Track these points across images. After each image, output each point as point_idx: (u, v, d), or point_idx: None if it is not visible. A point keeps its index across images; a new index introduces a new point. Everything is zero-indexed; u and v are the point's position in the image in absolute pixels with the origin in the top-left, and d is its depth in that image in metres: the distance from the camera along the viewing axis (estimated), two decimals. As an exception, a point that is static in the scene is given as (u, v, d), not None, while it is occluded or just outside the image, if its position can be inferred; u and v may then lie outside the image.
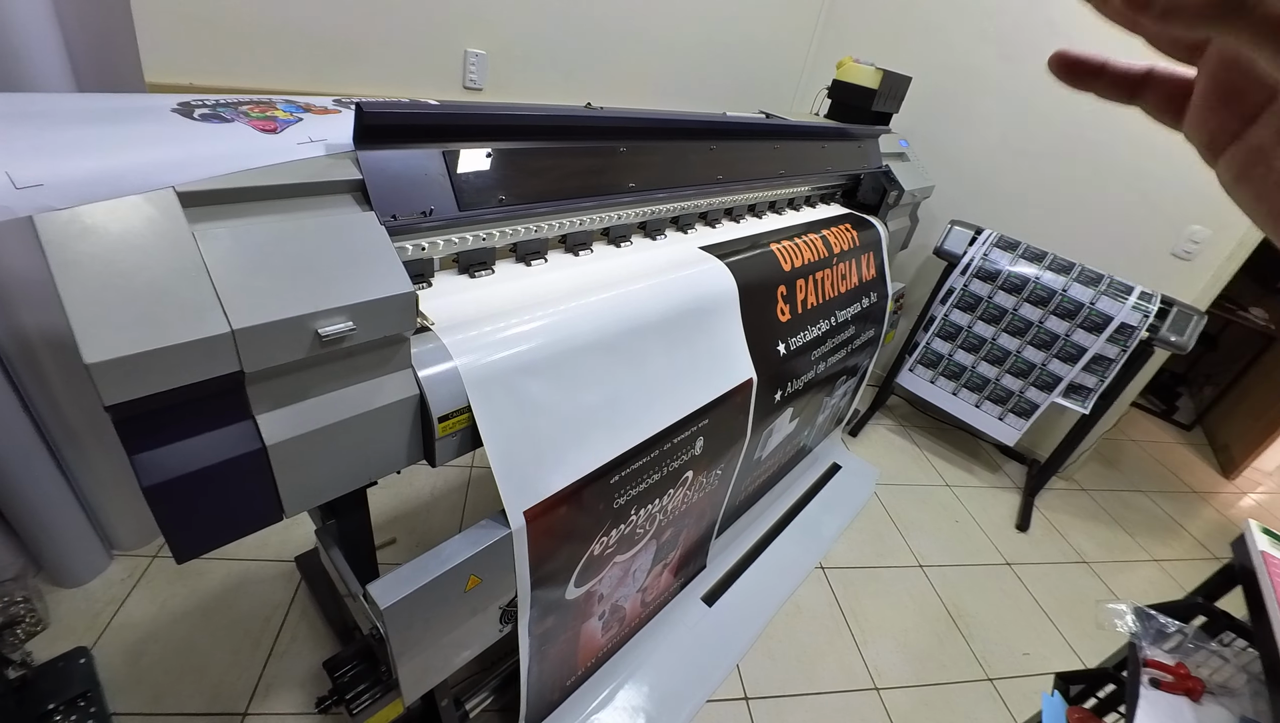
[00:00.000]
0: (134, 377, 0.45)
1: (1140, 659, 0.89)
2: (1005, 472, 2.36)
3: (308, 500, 0.62)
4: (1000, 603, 1.75)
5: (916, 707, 1.40)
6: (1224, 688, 0.86)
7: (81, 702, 1.04)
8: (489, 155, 0.75)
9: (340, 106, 0.76)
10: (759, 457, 1.42)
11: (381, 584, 0.67)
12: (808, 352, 1.33)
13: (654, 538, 1.11)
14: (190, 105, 0.63)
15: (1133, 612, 0.94)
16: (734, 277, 1.08)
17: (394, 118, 0.64)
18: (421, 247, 0.74)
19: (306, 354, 0.54)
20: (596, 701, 1.20)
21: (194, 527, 0.55)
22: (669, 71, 2.18)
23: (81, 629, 1.19)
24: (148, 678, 1.13)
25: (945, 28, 2.25)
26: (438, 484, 1.70)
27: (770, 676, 1.38)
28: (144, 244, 0.48)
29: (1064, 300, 1.89)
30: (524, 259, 0.90)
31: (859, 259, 1.52)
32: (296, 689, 1.16)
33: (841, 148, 1.53)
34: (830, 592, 1.63)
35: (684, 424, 0.99)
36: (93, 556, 1.27)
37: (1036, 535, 2.07)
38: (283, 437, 0.56)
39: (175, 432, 0.51)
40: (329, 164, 0.61)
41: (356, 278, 0.56)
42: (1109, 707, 1.05)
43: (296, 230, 0.56)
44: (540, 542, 0.79)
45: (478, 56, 1.71)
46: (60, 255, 0.45)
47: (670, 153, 1.03)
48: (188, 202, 0.51)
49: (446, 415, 0.67)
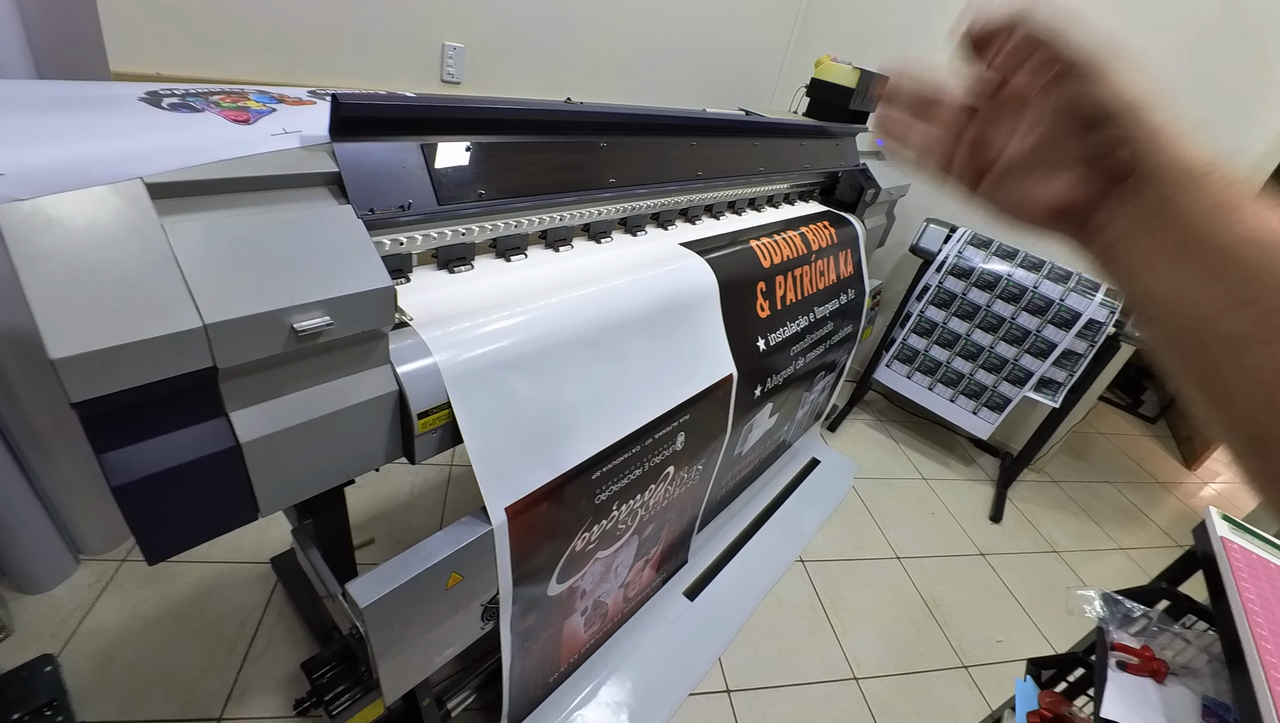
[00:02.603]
0: (102, 373, 0.44)
1: (1108, 643, 0.92)
2: (979, 464, 2.42)
3: (284, 499, 0.61)
4: (975, 592, 1.79)
5: (895, 695, 1.42)
6: (1186, 669, 0.89)
7: (48, 711, 1.00)
8: (468, 149, 0.75)
9: (315, 98, 0.75)
10: (739, 452, 1.43)
11: (361, 583, 0.66)
12: (787, 347, 1.34)
13: (636, 534, 1.11)
14: (158, 94, 0.62)
15: (1100, 598, 0.96)
16: (714, 273, 1.09)
17: (372, 109, 0.63)
18: (400, 241, 0.73)
19: (282, 350, 0.53)
20: (579, 697, 1.20)
21: (166, 527, 0.53)
22: (649, 68, 2.18)
23: (47, 636, 1.15)
24: (118, 685, 1.10)
25: (919, 29, 2.29)
26: (417, 483, 1.68)
27: (752, 668, 1.40)
28: (112, 237, 0.47)
29: (1035, 297, 1.94)
30: (504, 255, 0.89)
31: (837, 256, 1.54)
32: (274, 693, 1.14)
33: (820, 146, 1.55)
34: (810, 584, 1.66)
35: (665, 420, 0.99)
36: (58, 560, 1.24)
37: (1009, 526, 2.12)
38: (257, 434, 0.55)
39: (145, 429, 0.49)
40: (304, 156, 0.60)
41: (333, 272, 0.55)
42: (1079, 690, 1.08)
43: (271, 223, 0.55)
44: (522, 538, 0.79)
45: (456, 50, 1.69)
46: (24, 248, 0.44)
47: (651, 149, 1.03)
48: (157, 193, 0.50)
49: (426, 412, 0.66)
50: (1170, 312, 0.26)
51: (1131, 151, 0.27)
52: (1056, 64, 0.28)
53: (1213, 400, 0.25)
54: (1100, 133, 0.27)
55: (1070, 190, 0.29)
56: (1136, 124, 0.26)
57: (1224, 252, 0.24)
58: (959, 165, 0.33)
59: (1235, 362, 0.24)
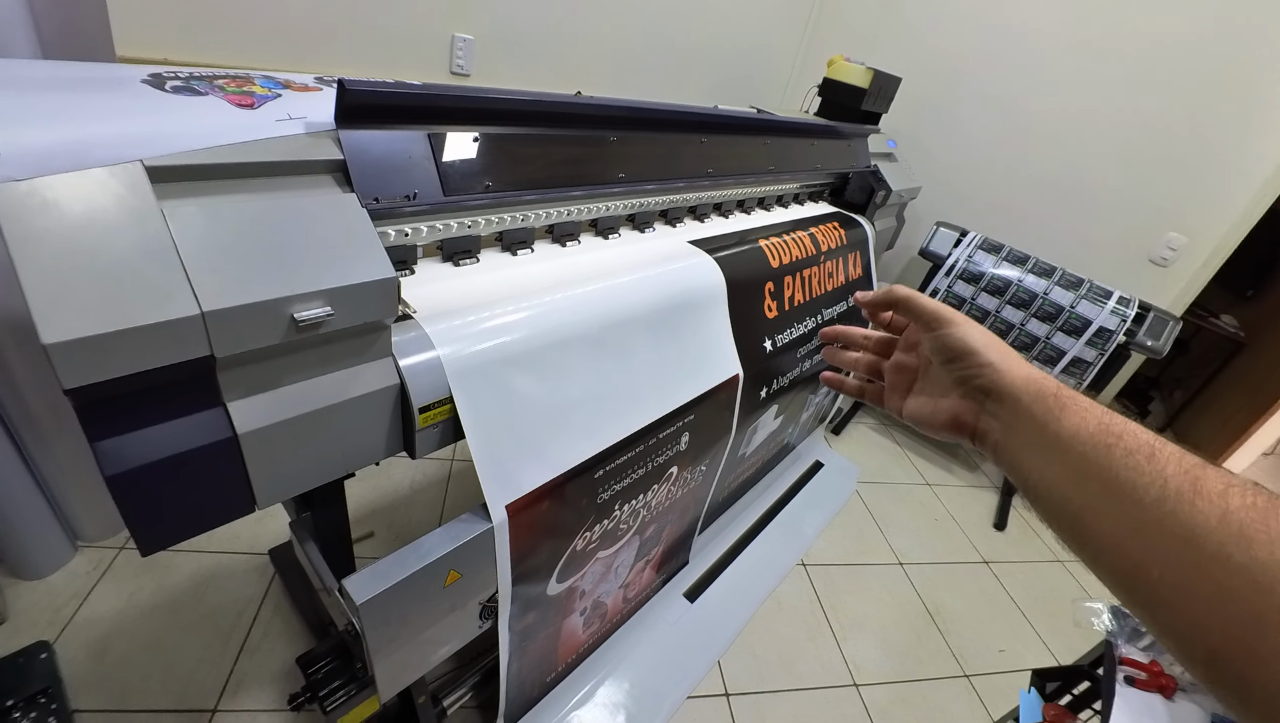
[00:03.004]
0: (96, 359, 0.43)
1: (1116, 657, 0.90)
2: (984, 471, 2.40)
3: (281, 492, 0.60)
4: (977, 600, 1.78)
5: (895, 703, 1.41)
6: (1195, 686, 0.88)
7: (42, 698, 1.00)
8: (476, 140, 0.73)
9: (321, 84, 0.74)
10: (743, 453, 1.42)
11: (358, 579, 0.65)
12: (794, 349, 1.33)
13: (637, 534, 1.10)
14: (162, 77, 0.61)
15: (1109, 611, 0.95)
16: (722, 272, 1.07)
17: (378, 97, 0.62)
18: (404, 232, 0.72)
19: (281, 340, 0.51)
20: (577, 697, 1.19)
21: (160, 518, 0.52)
22: (660, 63, 2.17)
23: (43, 623, 1.14)
24: (113, 674, 1.09)
25: (935, 31, 2.27)
26: (417, 477, 1.67)
27: (751, 672, 1.38)
28: (109, 220, 0.46)
29: (1045, 303, 1.92)
30: (510, 248, 0.88)
31: (846, 258, 1.52)
32: (269, 686, 1.13)
33: (831, 146, 1.53)
34: (811, 588, 1.64)
35: (669, 419, 0.98)
36: (56, 547, 1.23)
37: (1013, 534, 2.10)
38: (255, 425, 0.53)
39: (140, 418, 0.48)
40: (309, 143, 0.59)
41: (336, 262, 0.54)
42: (1084, 703, 1.06)
43: (273, 210, 0.53)
44: (522, 537, 0.78)
45: (466, 41, 1.68)
46: (18, 230, 0.43)
47: (661, 144, 1.02)
48: (157, 177, 0.49)
49: (427, 406, 0.65)
50: (1040, 493, 0.34)
51: (987, 375, 0.38)
52: (923, 318, 0.42)
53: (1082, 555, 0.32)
54: (962, 362, 0.39)
55: (956, 408, 0.40)
56: (985, 354, 0.38)
57: (1061, 443, 0.33)
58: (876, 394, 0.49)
59: (1086, 527, 0.31)
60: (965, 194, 2.34)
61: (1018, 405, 0.36)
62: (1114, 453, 0.30)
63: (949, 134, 2.32)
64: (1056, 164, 2.13)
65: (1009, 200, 2.26)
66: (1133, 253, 2.06)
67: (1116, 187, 2.04)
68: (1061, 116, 2.08)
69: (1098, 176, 2.06)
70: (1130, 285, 1.94)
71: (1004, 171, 2.25)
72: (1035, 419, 0.35)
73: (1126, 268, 2.07)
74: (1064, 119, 2.08)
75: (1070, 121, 2.07)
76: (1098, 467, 0.31)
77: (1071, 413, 0.33)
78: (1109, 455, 0.31)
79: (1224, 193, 1.87)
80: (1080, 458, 0.32)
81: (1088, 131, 2.04)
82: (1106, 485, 0.30)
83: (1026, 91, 2.13)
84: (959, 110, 2.28)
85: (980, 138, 2.27)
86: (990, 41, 2.16)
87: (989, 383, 0.38)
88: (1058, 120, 2.09)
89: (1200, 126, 1.86)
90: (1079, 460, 0.32)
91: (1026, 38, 2.09)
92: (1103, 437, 0.31)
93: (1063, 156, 2.11)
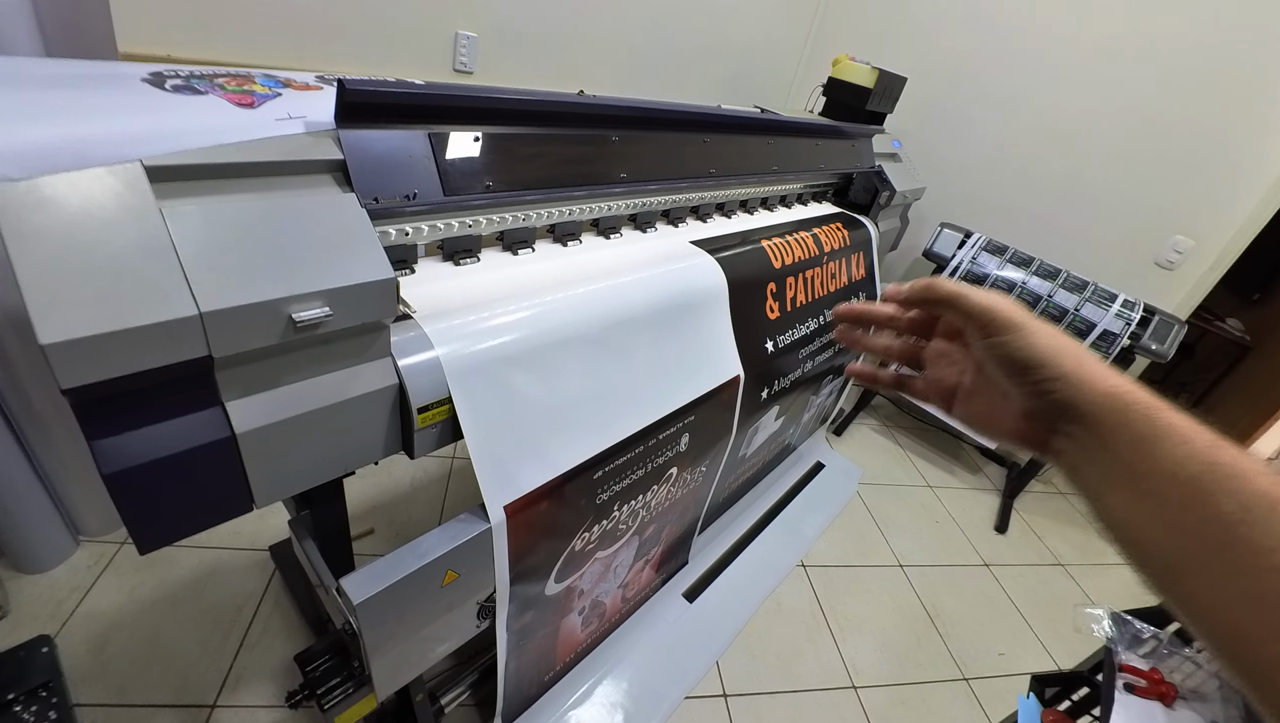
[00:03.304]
0: (93, 359, 0.43)
1: (1115, 664, 0.90)
2: (985, 474, 2.39)
3: (279, 491, 0.60)
4: (977, 603, 1.77)
5: (893, 705, 1.41)
6: (1196, 694, 0.87)
7: (43, 692, 1.00)
8: (477, 139, 0.73)
9: (322, 83, 0.73)
10: (744, 454, 1.41)
11: (355, 579, 0.65)
12: (795, 350, 1.32)
13: (636, 534, 1.10)
14: (162, 75, 0.61)
15: (1109, 617, 0.94)
16: (724, 272, 1.07)
17: (378, 96, 0.61)
18: (404, 232, 0.71)
19: (280, 340, 0.51)
20: (575, 696, 1.19)
21: (158, 517, 0.52)
22: (664, 62, 2.16)
23: (44, 617, 1.15)
24: (113, 668, 1.10)
25: (940, 31, 2.26)
26: (418, 475, 1.67)
27: (749, 673, 1.38)
28: (107, 219, 0.45)
29: (1049, 306, 1.91)
30: (511, 248, 0.88)
31: (849, 259, 1.52)
32: (267, 682, 1.13)
33: (835, 146, 1.53)
34: (811, 590, 1.64)
35: (670, 420, 0.98)
36: (57, 541, 1.24)
37: (1014, 537, 2.10)
38: (254, 425, 0.53)
39: (139, 417, 0.48)
40: (308, 142, 0.59)
41: (335, 262, 0.54)
42: (1083, 709, 1.06)
43: (272, 210, 0.53)
44: (520, 537, 0.78)
45: (469, 39, 1.67)
46: (16, 227, 0.42)
47: (663, 144, 1.02)
48: (155, 176, 0.49)
49: (426, 406, 0.65)
50: (1124, 534, 0.29)
51: (1060, 391, 0.31)
52: (976, 320, 0.35)
53: (1175, 610, 0.27)
54: (1028, 376, 0.33)
55: (1023, 420, 0.34)
56: (1056, 366, 0.31)
57: (1155, 482, 0.27)
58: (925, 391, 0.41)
59: (1184, 586, 0.26)
60: (970, 195, 2.33)
61: (1098, 429, 0.30)
62: (1223, 503, 0.24)
63: (954, 134, 2.31)
64: (1062, 165, 2.12)
65: (1014, 202, 2.25)
66: (1138, 256, 2.05)
67: (1122, 189, 2.03)
68: (1067, 118, 2.07)
69: (1103, 178, 2.05)
70: (1135, 288, 1.93)
71: (1009, 173, 2.24)
72: (1121, 448, 0.28)
73: (1132, 271, 2.05)
74: (1070, 120, 2.06)
75: (1076, 123, 2.05)
76: (1202, 519, 0.25)
77: (1169, 443, 0.27)
78: (1217, 505, 0.25)
79: (1231, 196, 1.86)
80: (1180, 504, 0.26)
81: (1094, 133, 2.03)
82: (1215, 543, 0.25)
83: (1032, 92, 2.12)
84: (964, 111, 2.27)
85: (985, 139, 2.26)
86: (996, 42, 2.15)
87: (1063, 400, 0.31)
88: (1063, 121, 2.08)
89: (1208, 129, 1.85)
90: (1178, 508, 0.26)
91: (1032, 38, 2.08)
92: (1209, 478, 0.25)
93: (1068, 158, 2.10)
